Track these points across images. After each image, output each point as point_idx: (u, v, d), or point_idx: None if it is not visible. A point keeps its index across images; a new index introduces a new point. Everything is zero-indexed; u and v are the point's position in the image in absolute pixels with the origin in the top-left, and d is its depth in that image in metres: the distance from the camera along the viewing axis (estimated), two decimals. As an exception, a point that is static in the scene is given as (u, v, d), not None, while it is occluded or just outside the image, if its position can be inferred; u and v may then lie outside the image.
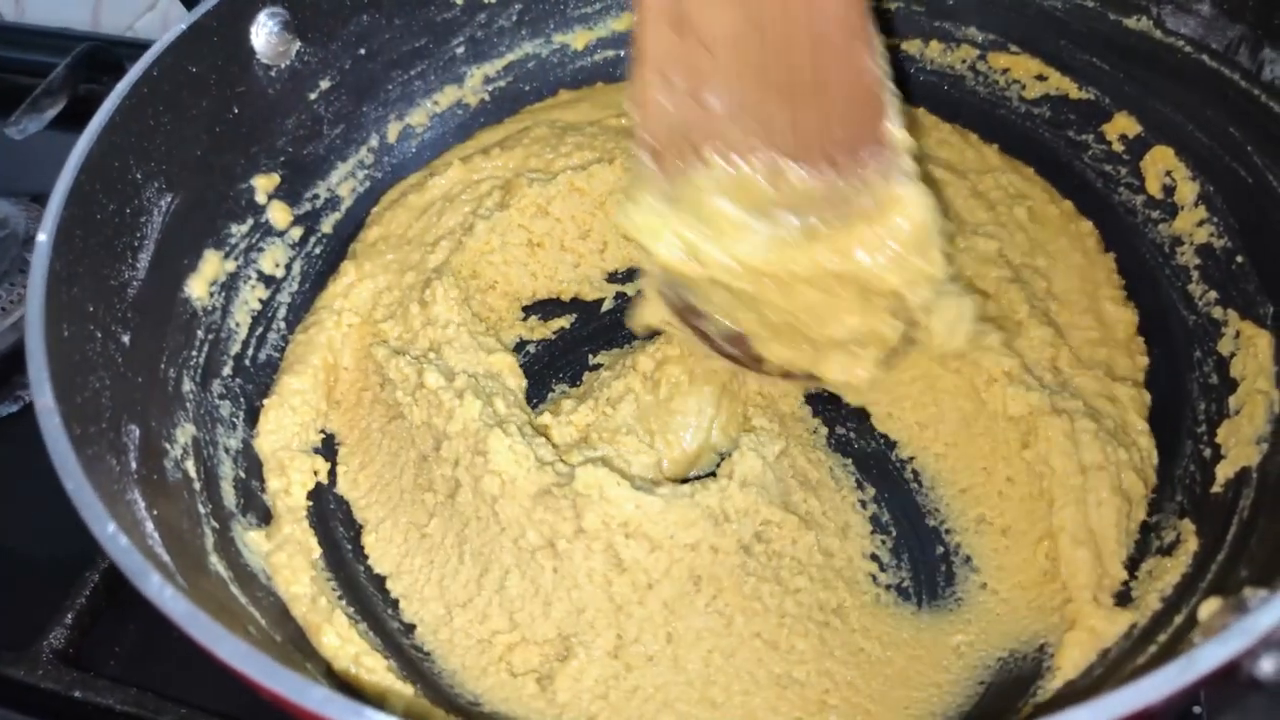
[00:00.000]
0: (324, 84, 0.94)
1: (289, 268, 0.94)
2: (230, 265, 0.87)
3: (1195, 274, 0.87)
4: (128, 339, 0.72)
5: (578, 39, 1.10)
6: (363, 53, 0.96)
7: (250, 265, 0.90)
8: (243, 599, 0.70)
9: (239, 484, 0.81)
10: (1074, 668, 0.70)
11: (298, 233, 0.95)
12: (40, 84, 1.11)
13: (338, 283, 0.94)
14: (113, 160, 0.72)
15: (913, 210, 0.69)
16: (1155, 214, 0.92)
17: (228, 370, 0.86)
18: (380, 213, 1.00)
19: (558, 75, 1.10)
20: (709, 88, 0.70)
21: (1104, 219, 0.95)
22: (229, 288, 0.87)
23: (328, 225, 0.98)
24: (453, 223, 0.97)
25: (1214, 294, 0.85)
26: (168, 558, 0.62)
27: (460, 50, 1.04)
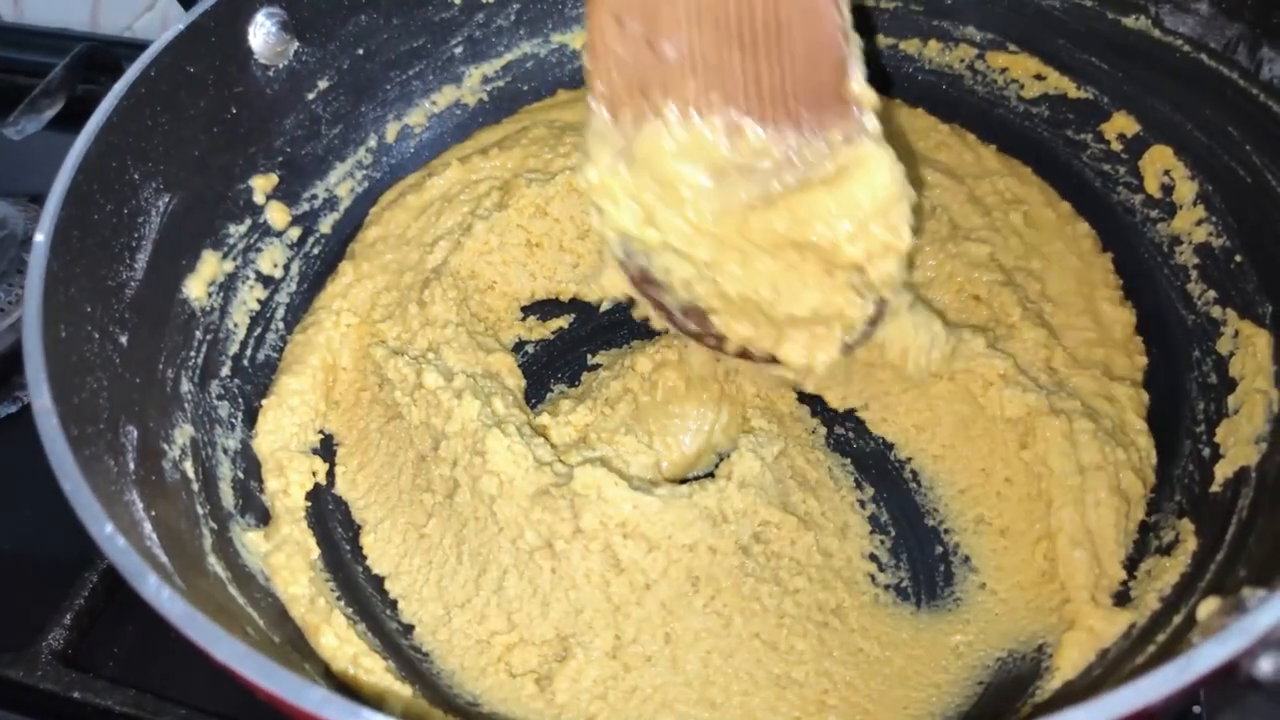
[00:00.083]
0: (322, 84, 0.94)
1: (287, 268, 0.94)
2: (228, 266, 0.87)
3: (1194, 273, 0.87)
4: (125, 339, 0.72)
5: (576, 38, 1.09)
6: (361, 53, 0.96)
7: (248, 266, 0.90)
8: (241, 600, 0.70)
9: (237, 484, 0.81)
10: (1073, 668, 0.70)
11: (296, 233, 0.95)
12: (38, 84, 1.11)
13: (336, 283, 0.94)
14: (110, 161, 0.72)
15: (875, 175, 0.64)
16: (1154, 213, 0.92)
17: (226, 371, 0.86)
18: (379, 213, 1.00)
19: (556, 75, 1.10)
20: (665, 34, 0.66)
21: (1102, 218, 0.95)
22: (227, 288, 0.87)
23: (326, 225, 0.98)
24: (451, 223, 0.97)
25: (1213, 293, 0.85)
26: (165, 558, 0.62)
27: (458, 50, 1.04)
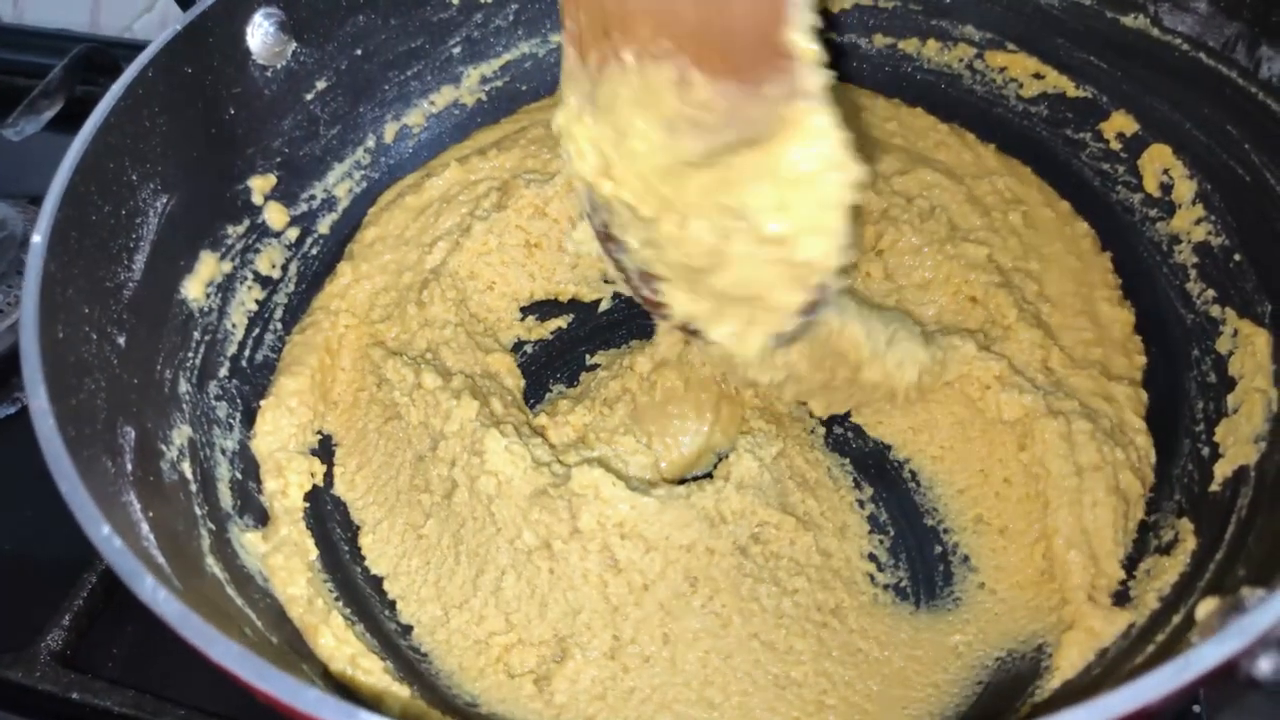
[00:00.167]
0: (320, 84, 0.94)
1: (285, 269, 0.94)
2: (226, 266, 0.87)
3: (1193, 272, 0.87)
4: (123, 340, 0.72)
5: (575, 39, 1.09)
6: (359, 53, 0.96)
7: (246, 266, 0.90)
8: (239, 601, 0.69)
9: (235, 485, 0.80)
10: (1072, 668, 0.70)
11: (294, 234, 0.95)
12: (38, 85, 1.11)
13: (334, 284, 0.93)
14: (108, 161, 0.72)
15: (803, 139, 0.57)
16: (1153, 212, 0.91)
17: (224, 371, 0.86)
18: (377, 213, 0.99)
19: (555, 75, 1.09)
20: None
21: (1101, 218, 0.95)
22: (225, 289, 0.87)
23: (324, 226, 0.98)
24: (450, 224, 0.97)
25: (1212, 292, 0.84)
26: (163, 560, 0.62)
27: (457, 50, 1.04)
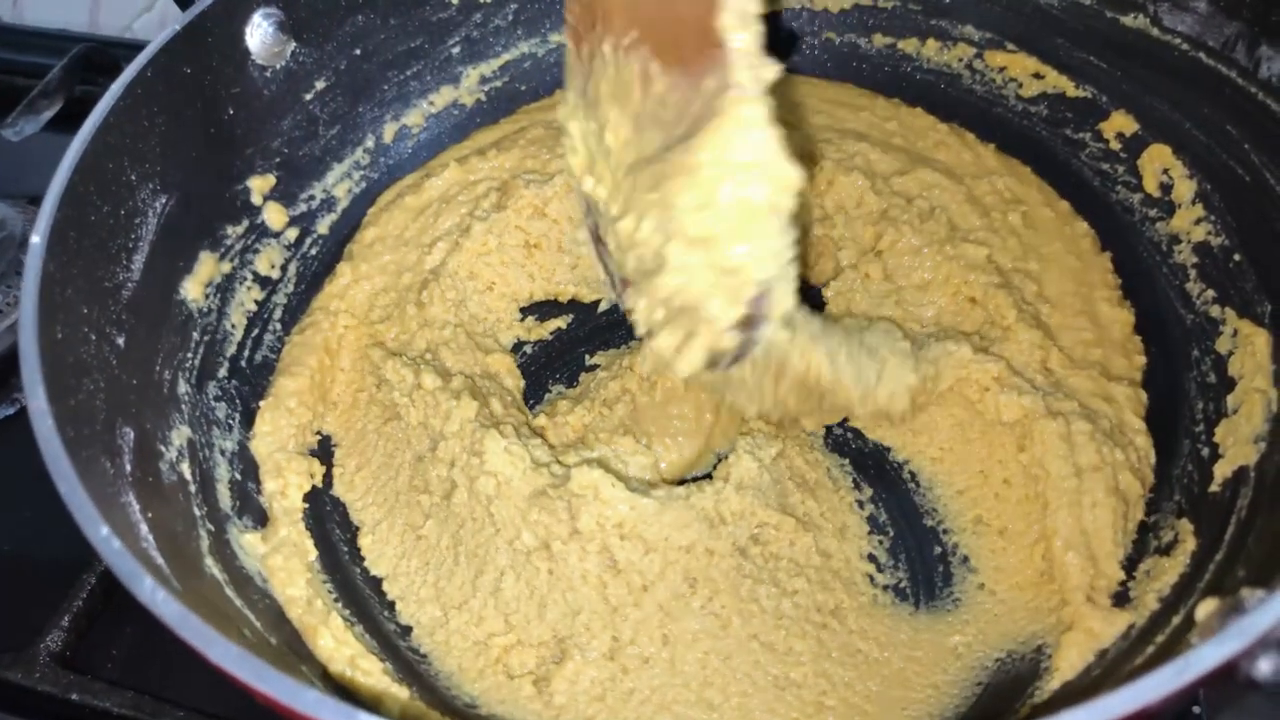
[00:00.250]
0: (319, 84, 0.94)
1: (284, 269, 0.94)
2: (225, 267, 0.87)
3: (1193, 272, 0.87)
4: (122, 341, 0.72)
5: (574, 39, 1.09)
6: (358, 53, 0.96)
7: (246, 267, 0.90)
8: (238, 602, 0.69)
9: (234, 486, 0.80)
10: (1072, 669, 0.70)
11: (293, 234, 0.95)
12: (37, 85, 1.11)
13: (334, 284, 0.93)
14: (106, 162, 0.72)
15: (727, 133, 0.52)
16: (1153, 212, 0.91)
17: (223, 372, 0.85)
18: (376, 214, 0.99)
19: (554, 75, 1.10)
20: None
21: (1101, 218, 0.95)
22: (224, 289, 0.87)
23: (324, 226, 0.98)
24: (449, 224, 0.97)
25: (1211, 292, 0.84)
26: (162, 560, 0.62)
27: (456, 50, 1.04)
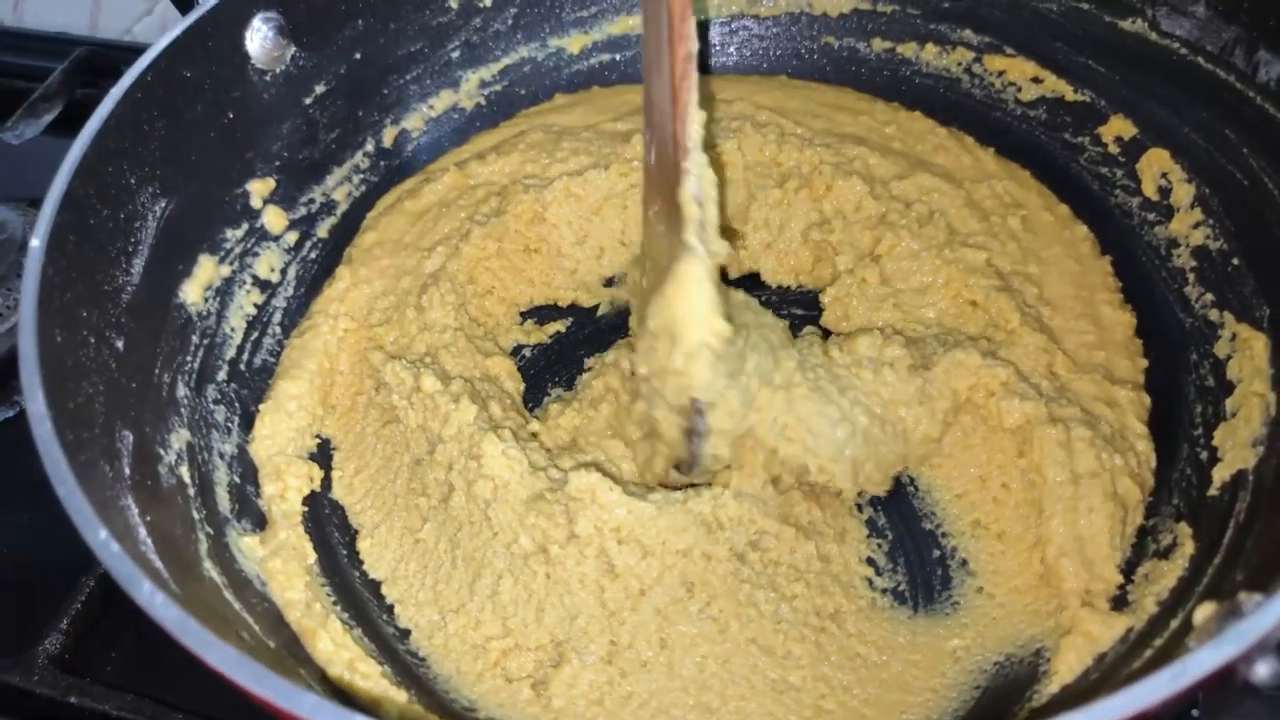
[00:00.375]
0: (319, 88, 0.94)
1: (284, 272, 0.94)
2: (225, 270, 0.87)
3: (1191, 276, 0.87)
4: (121, 344, 0.72)
5: (573, 43, 1.09)
6: (358, 57, 0.96)
7: (245, 270, 0.90)
8: (236, 605, 0.69)
9: (234, 489, 0.80)
10: (1070, 672, 0.70)
11: (293, 237, 0.95)
12: (37, 88, 1.11)
13: (333, 287, 0.93)
14: (106, 165, 0.72)
15: (668, 292, 0.66)
16: (1151, 216, 0.91)
17: (223, 375, 0.86)
18: (376, 218, 1.00)
19: (553, 79, 1.10)
20: (647, 139, 0.77)
21: (1100, 222, 0.95)
22: (224, 293, 0.87)
23: (323, 230, 0.98)
24: (449, 228, 0.97)
25: (1210, 296, 0.84)
26: (160, 564, 0.62)
27: (456, 54, 1.04)
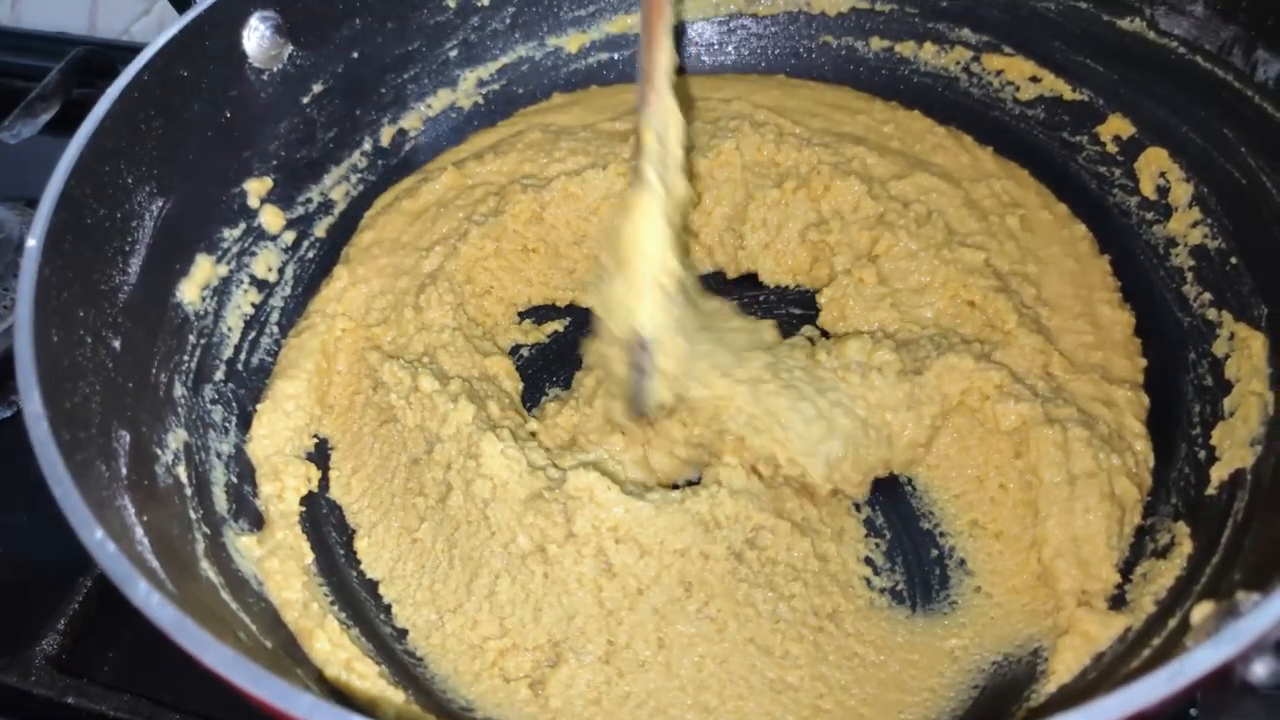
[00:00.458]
0: (316, 88, 0.94)
1: (282, 272, 0.94)
2: (222, 269, 0.87)
3: (1189, 275, 0.87)
4: (118, 344, 0.72)
5: (571, 42, 1.09)
6: (355, 56, 0.96)
7: (243, 269, 0.90)
8: (233, 605, 0.69)
9: (231, 489, 0.80)
10: (1068, 671, 0.70)
11: (290, 237, 0.95)
12: (35, 88, 1.11)
13: (331, 287, 0.93)
14: (103, 165, 0.72)
15: (622, 222, 0.75)
16: (1149, 215, 0.91)
17: (220, 375, 0.85)
18: (374, 217, 0.99)
19: (551, 78, 1.10)
20: None
21: (1098, 221, 0.95)
22: (221, 292, 0.87)
23: (321, 229, 0.98)
24: (447, 228, 0.97)
25: (1208, 295, 0.84)
26: (157, 564, 0.62)
27: (453, 53, 1.04)
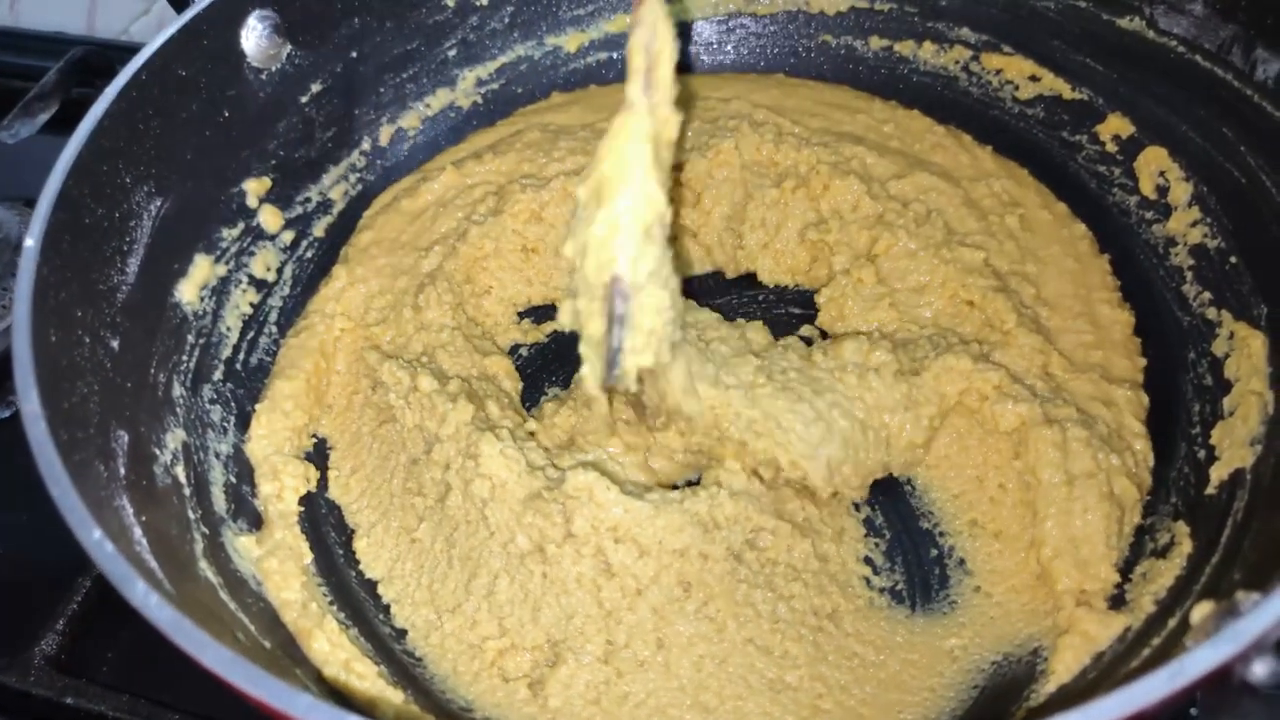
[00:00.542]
0: (315, 87, 0.94)
1: (280, 271, 0.93)
2: (221, 269, 0.87)
3: (1189, 275, 0.87)
4: (117, 344, 0.72)
5: (570, 41, 1.09)
6: (354, 56, 0.96)
7: (241, 269, 0.89)
8: (232, 605, 0.69)
9: (229, 489, 0.80)
10: (1068, 671, 0.70)
11: (289, 236, 0.95)
12: (33, 88, 1.11)
13: (329, 286, 0.93)
14: (101, 164, 0.72)
15: (603, 147, 0.65)
16: (1149, 215, 0.91)
17: (218, 375, 0.85)
18: (373, 217, 0.99)
19: (550, 77, 1.10)
20: None
21: (1098, 220, 0.95)
22: (220, 292, 0.87)
23: (319, 229, 0.98)
24: (446, 228, 0.96)
25: (1208, 295, 0.84)
26: (155, 564, 0.62)
27: (452, 53, 1.04)
